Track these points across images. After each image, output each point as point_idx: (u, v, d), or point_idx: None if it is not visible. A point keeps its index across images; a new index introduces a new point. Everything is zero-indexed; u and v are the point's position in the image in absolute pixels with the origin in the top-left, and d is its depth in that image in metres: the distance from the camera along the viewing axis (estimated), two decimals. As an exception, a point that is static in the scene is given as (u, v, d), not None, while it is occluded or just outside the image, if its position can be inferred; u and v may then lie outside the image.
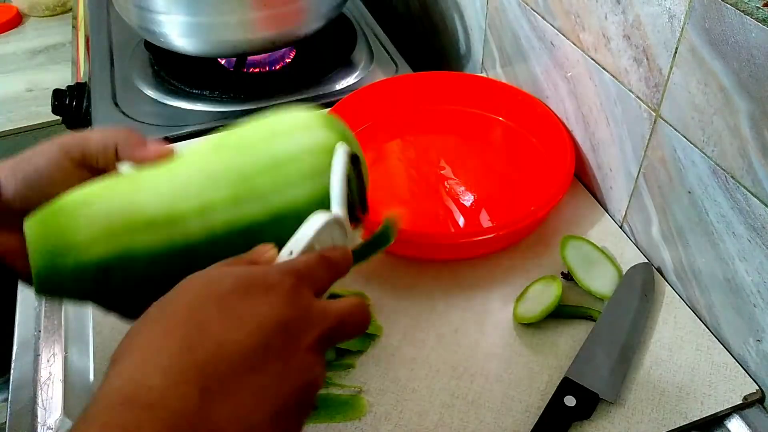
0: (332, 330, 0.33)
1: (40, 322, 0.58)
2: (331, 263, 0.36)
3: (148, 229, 0.38)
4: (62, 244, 0.38)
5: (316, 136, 0.41)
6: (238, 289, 0.31)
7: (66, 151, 0.41)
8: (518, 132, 0.73)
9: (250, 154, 0.41)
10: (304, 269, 0.34)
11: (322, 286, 0.35)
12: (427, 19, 1.02)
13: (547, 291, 0.55)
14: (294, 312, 0.31)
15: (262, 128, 0.43)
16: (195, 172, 0.40)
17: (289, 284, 0.32)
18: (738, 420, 0.50)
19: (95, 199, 0.39)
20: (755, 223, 0.47)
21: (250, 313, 0.30)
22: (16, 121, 1.35)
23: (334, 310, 0.33)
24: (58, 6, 1.60)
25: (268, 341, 0.30)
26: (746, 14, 0.43)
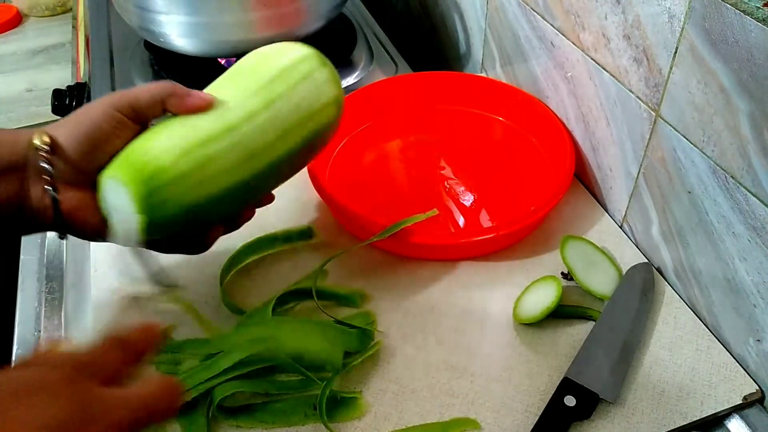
0: (130, 419, 0.31)
1: (40, 322, 0.58)
2: (123, 344, 0.34)
3: (221, 140, 0.45)
4: (169, 181, 0.43)
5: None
6: (12, 392, 0.28)
7: (118, 108, 0.44)
8: (518, 132, 0.73)
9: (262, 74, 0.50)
10: (82, 358, 0.32)
11: (116, 371, 0.33)
12: (427, 19, 1.02)
13: (547, 291, 0.55)
14: (68, 409, 0.28)
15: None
16: (235, 100, 0.48)
17: (61, 378, 0.30)
18: (738, 420, 0.50)
19: (168, 137, 0.44)
20: (755, 223, 0.47)
21: (25, 416, 0.27)
22: (16, 121, 1.35)
23: (130, 396, 0.31)
24: (58, 6, 1.60)
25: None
26: (746, 14, 0.43)
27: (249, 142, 0.46)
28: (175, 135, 0.44)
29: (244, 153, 0.46)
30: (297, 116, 0.50)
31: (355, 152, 0.72)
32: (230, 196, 0.46)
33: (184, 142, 0.44)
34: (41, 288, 0.61)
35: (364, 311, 0.56)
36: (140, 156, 0.43)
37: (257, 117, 0.47)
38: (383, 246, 0.61)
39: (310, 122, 0.51)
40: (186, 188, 0.44)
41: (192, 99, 0.46)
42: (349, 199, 0.63)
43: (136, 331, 0.36)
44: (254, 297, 0.57)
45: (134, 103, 0.45)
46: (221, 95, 0.48)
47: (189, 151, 0.44)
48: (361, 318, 0.55)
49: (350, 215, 0.60)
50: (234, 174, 0.46)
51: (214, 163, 0.44)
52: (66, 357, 0.32)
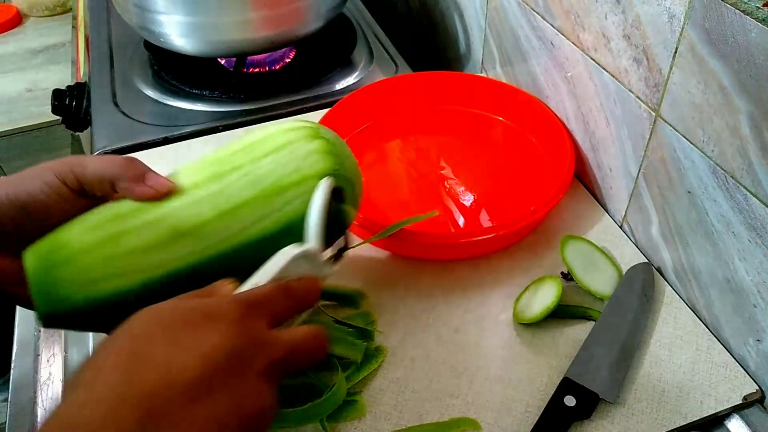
0: (283, 359, 0.33)
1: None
2: (291, 293, 0.36)
3: (173, 248, 0.40)
4: (67, 284, 0.39)
5: (312, 162, 0.44)
6: (185, 320, 0.31)
7: (62, 178, 0.41)
8: (518, 132, 0.73)
9: (250, 181, 0.43)
10: (257, 299, 0.34)
11: (281, 316, 0.35)
12: (427, 19, 1.02)
13: (547, 291, 0.55)
14: (241, 340, 0.31)
15: (262, 146, 0.44)
16: (196, 200, 0.42)
17: (237, 313, 0.32)
18: (738, 420, 0.50)
19: (97, 236, 0.40)
20: (755, 223, 0.47)
21: (195, 342, 0.30)
22: (16, 121, 1.35)
23: (286, 339, 0.33)
24: (58, 6, 1.60)
25: (213, 370, 0.29)
26: (746, 14, 0.43)
27: (178, 219, 0.40)
28: (93, 219, 0.40)
29: (167, 232, 0.40)
30: (257, 191, 0.42)
31: (355, 152, 0.71)
32: (150, 289, 0.40)
33: (97, 226, 0.39)
34: (41, 288, 0.61)
35: (364, 311, 0.56)
36: (61, 256, 0.39)
37: (197, 190, 0.41)
38: (383, 246, 0.61)
39: (279, 199, 0.42)
40: (96, 309, 0.39)
41: (142, 188, 0.41)
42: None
43: (302, 282, 0.37)
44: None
45: (80, 176, 0.41)
46: (187, 177, 0.42)
47: (121, 271, 0.39)
48: (361, 318, 0.55)
49: (350, 215, 0.60)
50: (152, 263, 0.40)
51: (126, 244, 0.39)
52: (241, 295, 0.34)
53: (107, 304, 0.40)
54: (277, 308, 0.35)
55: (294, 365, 0.34)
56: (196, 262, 0.41)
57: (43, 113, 1.34)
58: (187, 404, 0.28)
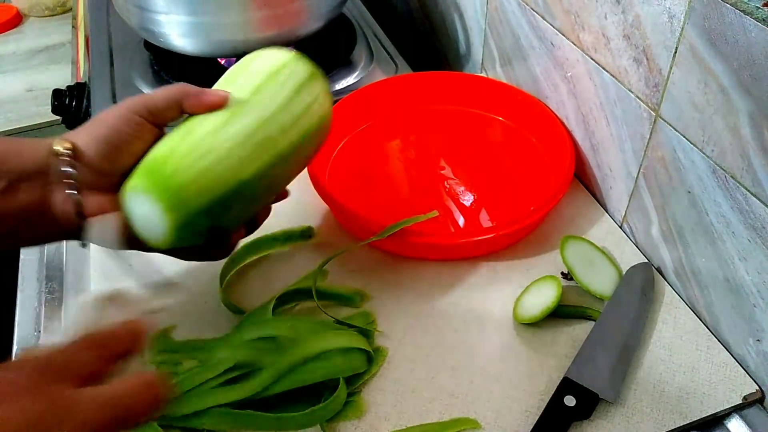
0: (104, 418, 0.30)
1: (40, 322, 0.58)
2: (98, 342, 0.33)
3: (257, 156, 0.46)
4: (182, 181, 0.43)
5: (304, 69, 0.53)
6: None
7: (136, 111, 0.45)
8: (518, 132, 0.73)
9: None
10: (50, 358, 0.31)
11: (91, 371, 0.32)
12: (427, 19, 1.02)
13: (547, 291, 0.55)
14: (34, 411, 0.28)
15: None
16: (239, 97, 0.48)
17: (26, 380, 0.29)
18: (738, 420, 0.50)
19: (184, 139, 0.45)
20: (755, 223, 0.47)
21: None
22: (15, 121, 1.35)
23: (104, 396, 0.30)
24: (58, 6, 1.60)
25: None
26: (746, 14, 0.43)
27: (259, 135, 0.47)
28: (190, 137, 0.45)
29: (255, 146, 0.46)
30: (296, 110, 0.50)
31: (355, 152, 0.72)
32: (249, 189, 0.47)
33: (199, 141, 0.44)
34: (41, 288, 0.61)
35: (364, 311, 0.56)
36: (160, 162, 0.44)
37: (262, 111, 0.48)
38: (383, 246, 0.61)
39: (306, 116, 0.51)
40: (207, 184, 0.44)
41: (207, 96, 0.46)
42: (349, 199, 0.63)
43: (117, 329, 0.34)
44: (254, 297, 0.57)
45: (151, 106, 0.45)
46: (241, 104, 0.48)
47: (205, 149, 0.44)
48: (361, 318, 0.55)
49: (350, 215, 0.60)
50: (249, 166, 0.46)
51: (229, 158, 0.45)
52: (34, 360, 0.31)
53: (220, 207, 0.45)
54: (83, 363, 0.32)
55: (125, 421, 0.31)
56: (270, 163, 0.47)
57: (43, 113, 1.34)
58: None
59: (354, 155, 0.72)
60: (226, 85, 0.50)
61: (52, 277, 0.61)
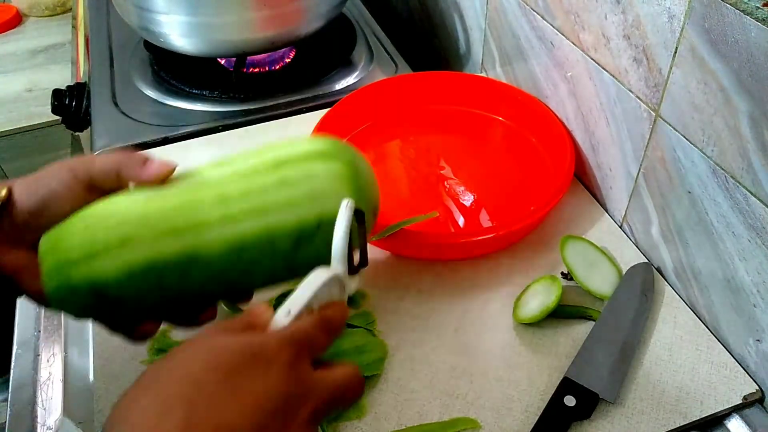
0: (327, 403, 0.33)
1: (40, 322, 0.58)
2: (329, 325, 0.36)
3: (163, 238, 0.41)
4: (74, 258, 0.41)
5: (327, 165, 0.44)
6: (237, 362, 0.32)
7: (74, 174, 0.43)
8: (518, 132, 0.73)
9: (262, 174, 0.44)
10: (302, 337, 0.34)
11: (321, 350, 0.35)
12: (427, 19, 1.02)
13: (547, 291, 0.55)
14: (292, 388, 0.32)
15: (270, 152, 0.45)
16: (206, 188, 0.43)
17: (287, 357, 0.32)
18: (738, 420, 0.50)
19: (109, 213, 0.42)
20: (755, 223, 0.47)
21: (250, 390, 0.31)
22: (16, 121, 1.36)
23: (329, 383, 0.34)
24: (58, 6, 1.60)
25: (266, 419, 0.30)
26: (746, 14, 0.43)
27: (204, 254, 0.41)
28: (123, 217, 0.41)
29: (194, 263, 0.41)
30: (271, 199, 0.43)
31: (355, 152, 0.72)
32: (153, 278, 0.41)
33: (126, 230, 0.41)
34: (41, 288, 0.61)
35: (364, 311, 0.56)
36: (69, 232, 0.41)
37: (232, 226, 0.42)
38: (383, 246, 0.61)
39: (290, 213, 0.43)
40: (93, 263, 0.40)
41: (145, 170, 0.43)
42: (349, 199, 0.62)
43: (335, 310, 0.37)
44: (254, 297, 0.57)
45: (90, 173, 0.43)
46: (199, 181, 0.44)
47: (129, 242, 0.41)
48: (361, 318, 0.55)
49: (350, 215, 0.60)
50: (155, 250, 0.41)
51: (152, 269, 0.41)
52: (287, 333, 0.34)
53: (107, 291, 0.41)
54: (319, 345, 0.35)
55: (335, 408, 0.34)
56: (193, 253, 0.42)
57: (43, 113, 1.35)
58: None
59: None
60: (223, 161, 0.45)
61: (52, 277, 0.61)
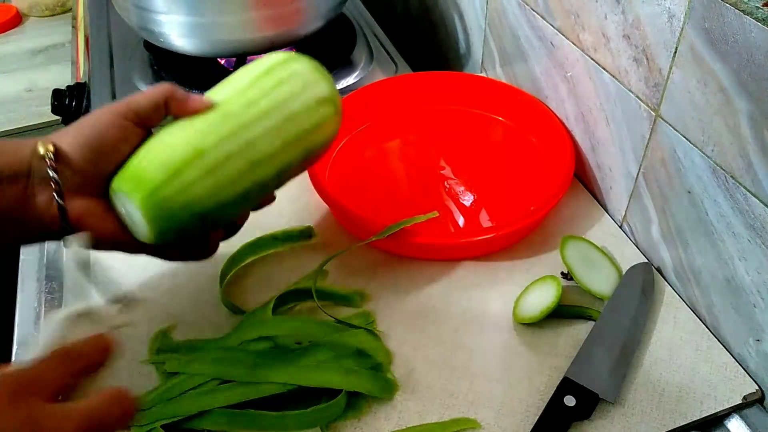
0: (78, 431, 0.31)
1: (40, 322, 0.58)
2: (67, 358, 0.34)
3: (229, 150, 0.45)
4: (165, 184, 0.43)
5: (300, 63, 0.53)
6: None
7: (122, 114, 0.44)
8: (518, 132, 0.73)
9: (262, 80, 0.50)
10: (22, 374, 0.32)
11: (59, 386, 0.33)
12: (427, 19, 1.02)
13: (547, 291, 0.55)
14: (14, 425, 0.29)
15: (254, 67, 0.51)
16: (240, 112, 0.47)
17: (3, 397, 0.30)
18: (738, 420, 0.50)
19: (175, 142, 0.45)
20: (755, 223, 0.47)
21: None
22: (15, 121, 1.35)
23: (76, 411, 0.32)
24: (58, 6, 1.60)
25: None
26: (746, 14, 0.43)
27: (251, 150, 0.46)
28: (178, 143, 0.45)
29: (246, 161, 0.46)
30: (289, 116, 0.49)
31: (355, 152, 0.72)
32: (235, 201, 0.47)
33: (186, 151, 0.44)
34: (41, 288, 0.61)
35: (364, 311, 0.56)
36: (145, 168, 0.44)
37: (256, 122, 0.47)
38: (383, 246, 0.61)
39: (305, 121, 0.50)
40: (190, 197, 0.44)
41: (192, 102, 0.46)
42: (349, 199, 0.63)
43: (84, 343, 0.35)
44: (254, 297, 0.57)
45: (137, 109, 0.45)
46: (217, 98, 0.48)
47: (190, 160, 0.44)
48: (361, 318, 0.55)
49: (350, 215, 0.60)
50: (238, 181, 0.46)
51: (216, 172, 0.45)
52: (7, 375, 0.32)
53: (203, 217, 0.45)
54: (54, 379, 0.32)
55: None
56: (262, 177, 0.47)
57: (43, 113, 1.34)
58: None
59: (354, 155, 0.72)
60: (219, 88, 0.50)
61: (52, 277, 0.61)
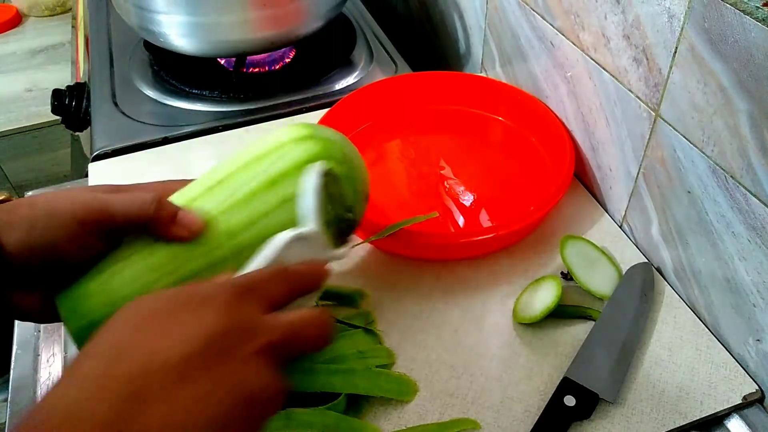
0: (281, 342, 0.32)
1: (40, 322, 0.58)
2: (289, 277, 0.35)
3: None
4: (99, 320, 0.38)
5: (303, 149, 0.44)
6: (171, 307, 0.31)
7: (84, 223, 0.39)
8: (518, 132, 0.73)
9: (249, 179, 0.44)
10: (250, 283, 0.34)
11: (277, 300, 0.34)
12: (427, 19, 1.02)
13: (547, 291, 0.55)
14: (228, 323, 0.31)
15: (254, 150, 0.45)
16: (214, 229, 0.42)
17: (225, 296, 0.32)
18: (738, 420, 0.50)
19: (127, 281, 0.41)
20: (755, 222, 0.47)
21: (180, 325, 0.30)
22: (16, 121, 1.36)
23: (283, 323, 0.33)
24: (58, 6, 1.60)
25: (199, 352, 0.29)
26: (746, 14, 0.43)
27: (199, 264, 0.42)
28: (135, 281, 0.40)
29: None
30: (252, 189, 0.44)
31: (355, 152, 0.72)
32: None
33: (141, 290, 0.40)
34: (41, 288, 0.61)
35: (364, 311, 0.56)
36: (93, 301, 0.40)
37: (238, 238, 0.42)
38: (383, 246, 0.61)
39: (273, 191, 0.44)
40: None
41: (177, 229, 0.41)
42: (349, 199, 0.62)
43: (304, 266, 0.37)
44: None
45: (106, 220, 0.40)
46: (206, 206, 0.43)
47: (128, 292, 0.40)
48: (361, 318, 0.55)
49: (350, 215, 0.60)
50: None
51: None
52: (236, 280, 0.34)
53: None
54: (273, 292, 0.34)
55: (295, 349, 0.33)
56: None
57: (43, 113, 1.35)
58: (169, 386, 0.28)
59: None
60: (216, 186, 0.44)
61: (52, 277, 0.61)
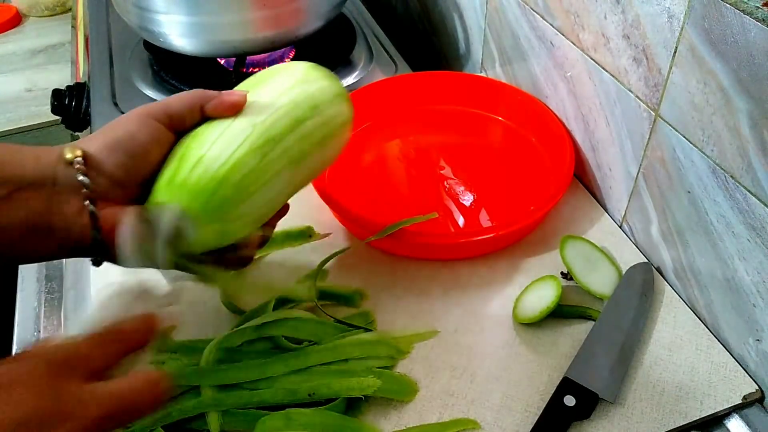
0: (106, 415, 0.30)
1: (40, 322, 0.58)
2: (108, 339, 0.33)
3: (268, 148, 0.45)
4: (219, 197, 0.42)
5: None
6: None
7: (154, 116, 0.42)
8: (518, 132, 0.73)
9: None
10: (64, 354, 0.31)
11: (99, 367, 0.32)
12: (427, 19, 1.02)
13: (547, 291, 0.55)
14: (39, 406, 0.29)
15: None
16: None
17: (37, 374, 0.30)
18: (738, 420, 0.50)
19: (217, 148, 0.43)
20: (755, 222, 0.47)
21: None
22: (15, 121, 1.35)
23: (108, 393, 0.31)
24: (58, 6, 1.60)
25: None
26: (746, 14, 0.43)
27: (278, 145, 0.46)
28: (223, 146, 0.43)
29: (288, 159, 0.46)
30: (317, 121, 0.49)
31: (355, 152, 0.72)
32: (275, 206, 0.47)
33: (235, 153, 0.43)
34: (41, 288, 0.61)
35: (364, 311, 0.56)
36: (196, 175, 0.41)
37: (282, 117, 0.46)
38: (383, 246, 0.61)
39: (327, 125, 0.50)
40: (239, 194, 0.43)
41: (229, 97, 0.44)
42: (349, 199, 0.63)
43: (131, 322, 0.35)
44: (254, 297, 0.57)
45: (169, 111, 0.43)
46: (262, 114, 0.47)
47: (243, 162, 0.43)
48: (360, 318, 0.55)
49: (350, 215, 0.60)
50: (282, 188, 0.46)
51: (266, 170, 0.44)
52: (48, 351, 0.31)
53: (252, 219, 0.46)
54: (94, 359, 0.32)
55: (124, 419, 0.31)
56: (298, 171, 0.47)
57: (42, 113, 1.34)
58: None
59: (354, 155, 0.72)
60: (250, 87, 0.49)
61: (52, 277, 0.61)
